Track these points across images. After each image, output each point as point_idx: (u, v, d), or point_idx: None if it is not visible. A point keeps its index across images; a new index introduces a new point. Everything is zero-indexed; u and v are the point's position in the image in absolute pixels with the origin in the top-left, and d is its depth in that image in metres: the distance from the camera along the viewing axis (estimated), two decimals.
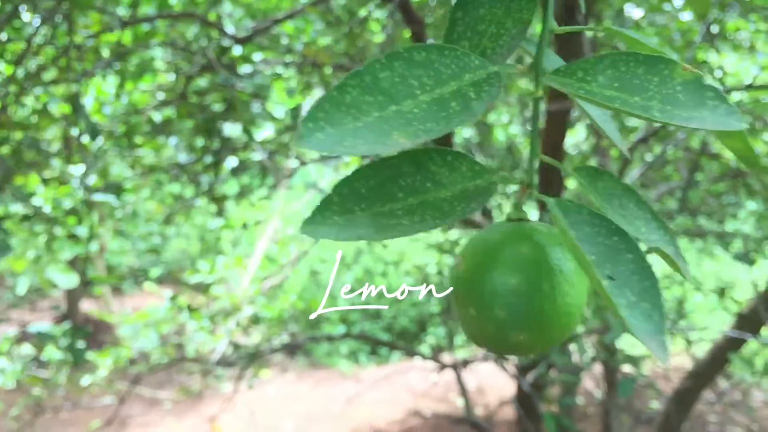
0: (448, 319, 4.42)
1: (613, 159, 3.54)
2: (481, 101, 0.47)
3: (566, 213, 0.48)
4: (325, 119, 0.43)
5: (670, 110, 0.45)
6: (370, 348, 4.65)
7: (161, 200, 3.91)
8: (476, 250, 0.55)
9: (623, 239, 0.47)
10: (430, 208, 0.49)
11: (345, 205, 0.47)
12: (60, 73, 2.61)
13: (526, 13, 0.55)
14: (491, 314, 0.52)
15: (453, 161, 0.51)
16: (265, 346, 3.89)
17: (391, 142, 0.43)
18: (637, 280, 0.45)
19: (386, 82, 0.45)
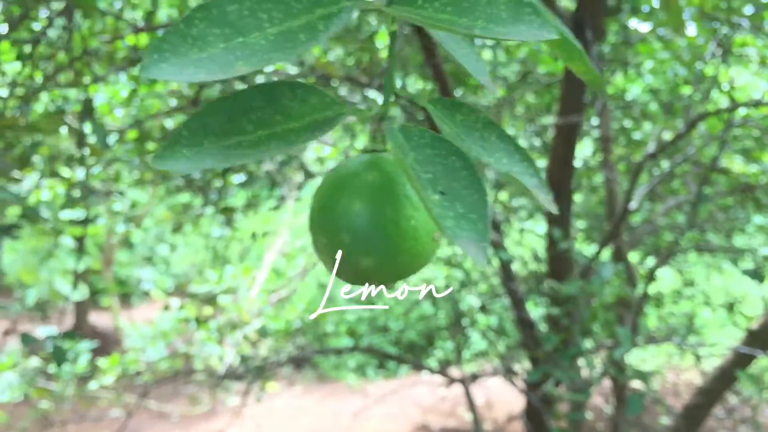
0: (456, 333, 4.41)
1: (622, 173, 3.55)
2: (328, 32, 0.49)
3: (408, 137, 0.51)
4: (170, 50, 0.44)
5: (492, 27, 0.47)
6: (378, 361, 4.64)
7: (171, 209, 3.92)
8: (328, 181, 0.57)
9: (460, 158, 0.50)
10: (276, 139, 0.50)
11: (194, 139, 0.49)
12: (74, 77, 2.64)
13: None
14: (338, 239, 0.54)
15: (304, 94, 0.52)
16: (273, 358, 3.88)
17: (233, 71, 0.44)
18: (468, 194, 0.48)
19: (234, 15, 0.47)
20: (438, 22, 0.49)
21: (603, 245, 3.00)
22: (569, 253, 2.97)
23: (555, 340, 2.69)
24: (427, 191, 0.48)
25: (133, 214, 3.92)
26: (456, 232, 0.46)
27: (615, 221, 3.01)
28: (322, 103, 0.53)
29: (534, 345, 3.11)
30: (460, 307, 4.08)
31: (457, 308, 4.08)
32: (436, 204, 0.47)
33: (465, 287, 3.93)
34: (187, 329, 4.10)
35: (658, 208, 3.83)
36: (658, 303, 3.89)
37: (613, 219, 3.18)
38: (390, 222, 0.53)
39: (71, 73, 2.63)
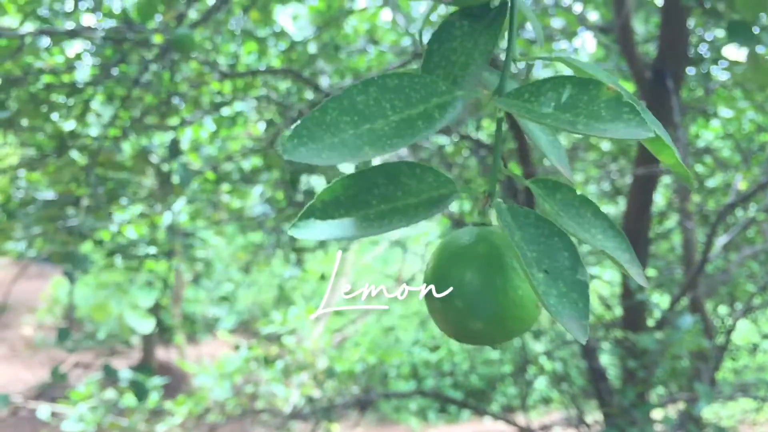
0: (520, 379, 4.34)
1: (699, 226, 3.48)
2: (444, 119, 0.54)
3: (515, 217, 0.55)
4: (308, 135, 0.50)
5: (592, 124, 0.51)
6: (440, 405, 4.60)
7: (244, 248, 4.00)
8: (441, 250, 0.62)
9: (562, 239, 0.54)
10: (398, 213, 0.55)
11: (326, 211, 0.54)
12: (161, 119, 2.74)
13: (490, 45, 0.62)
14: (452, 305, 0.58)
15: (421, 173, 0.57)
16: (337, 400, 3.89)
17: (362, 155, 0.50)
18: (570, 275, 0.52)
19: (362, 104, 0.52)
20: (543, 117, 0.53)
21: (680, 296, 2.93)
22: (644, 303, 2.92)
23: (632, 395, 2.63)
24: (532, 269, 0.52)
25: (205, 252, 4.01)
26: (559, 309, 0.50)
27: (693, 271, 2.95)
28: (437, 181, 0.57)
29: (606, 396, 3.05)
30: (526, 354, 4.03)
31: (523, 354, 4.03)
32: (541, 282, 0.51)
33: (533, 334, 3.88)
34: (253, 369, 4.14)
35: (733, 256, 3.73)
36: (733, 356, 3.77)
37: (690, 269, 3.11)
38: (499, 291, 0.58)
39: (158, 115, 2.74)
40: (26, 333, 6.71)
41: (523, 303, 0.59)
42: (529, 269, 0.51)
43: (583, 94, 0.53)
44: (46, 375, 3.18)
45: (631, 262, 0.57)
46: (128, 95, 2.44)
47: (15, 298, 6.38)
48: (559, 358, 4.03)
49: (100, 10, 2.04)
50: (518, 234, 0.54)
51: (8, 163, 2.93)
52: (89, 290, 5.94)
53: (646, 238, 2.97)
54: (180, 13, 2.24)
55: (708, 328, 3.37)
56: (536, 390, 4.75)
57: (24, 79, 2.18)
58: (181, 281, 5.19)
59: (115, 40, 2.14)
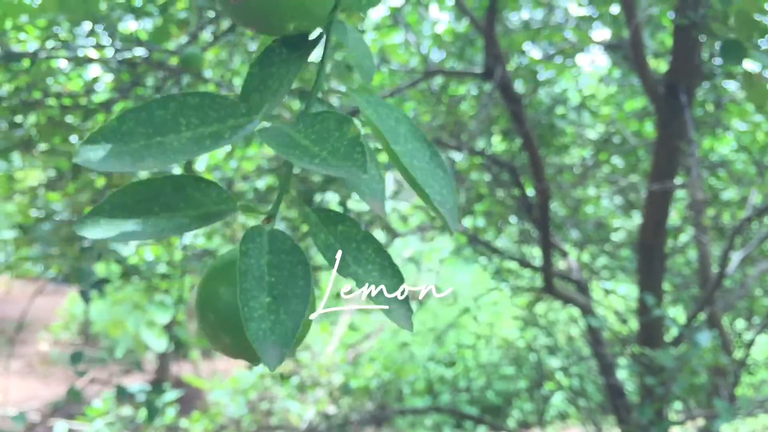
0: (537, 395, 4.32)
1: (714, 239, 3.46)
2: (231, 139, 0.56)
3: (273, 240, 0.57)
4: (101, 142, 0.52)
5: (329, 159, 0.53)
6: (456, 421, 4.57)
7: None
8: (210, 266, 0.64)
9: (304, 269, 0.55)
10: (173, 222, 0.58)
11: (112, 213, 0.57)
12: None
13: (294, 75, 0.64)
14: (206, 317, 0.61)
15: (206, 188, 0.59)
16: (353, 416, 3.88)
17: (142, 165, 0.52)
18: (295, 303, 0.53)
19: (159, 118, 0.55)
20: (294, 149, 0.55)
21: (697, 311, 2.91)
22: (661, 319, 2.90)
23: (650, 412, 2.61)
24: (260, 292, 0.53)
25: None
26: (266, 334, 0.51)
27: (710, 286, 2.93)
28: (219, 197, 0.59)
29: (623, 413, 3.02)
30: (542, 369, 4.01)
31: (539, 370, 4.01)
32: (263, 306, 0.53)
33: (549, 350, 3.87)
34: (267, 385, 4.15)
35: (750, 270, 3.70)
36: (751, 371, 3.73)
37: (707, 284, 3.09)
38: None
39: None
40: (43, 349, 6.75)
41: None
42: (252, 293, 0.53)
43: (337, 131, 0.55)
44: (63, 391, 3.20)
45: (400, 304, 0.59)
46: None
47: (31, 314, 6.43)
48: (576, 374, 4.01)
49: (115, 34, 2.07)
50: (267, 257, 0.55)
51: (27, 184, 2.97)
52: (105, 306, 5.98)
53: (661, 253, 2.95)
54: (193, 34, 2.28)
55: (726, 344, 3.34)
56: (553, 406, 4.72)
57: (42, 101, 2.22)
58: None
59: (130, 63, 2.17)
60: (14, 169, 2.94)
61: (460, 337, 5.06)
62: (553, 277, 3.09)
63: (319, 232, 0.60)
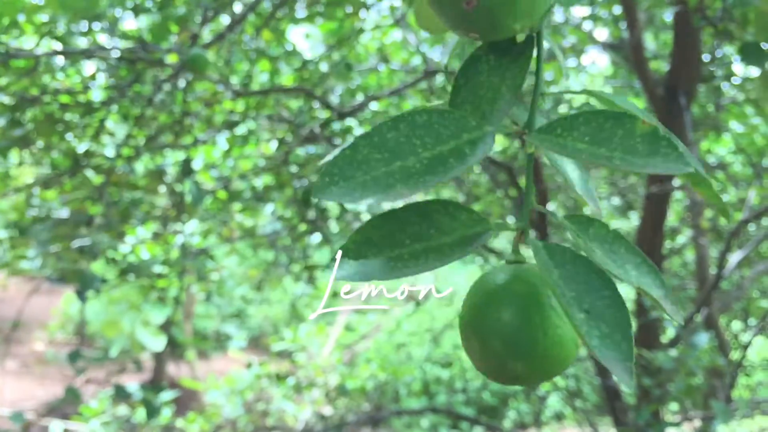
0: (532, 396, 4.32)
1: (712, 241, 3.46)
2: (475, 156, 0.54)
3: (552, 255, 0.54)
4: (339, 174, 0.50)
5: (629, 159, 0.50)
6: (452, 422, 4.57)
7: (256, 266, 4.01)
8: (476, 290, 0.60)
9: (601, 278, 0.52)
10: (432, 252, 0.54)
11: (359, 251, 0.54)
12: (174, 138, 2.76)
13: (518, 80, 0.60)
14: (490, 346, 0.57)
15: (454, 211, 0.56)
16: (349, 417, 3.87)
17: (394, 193, 0.49)
18: (611, 314, 0.50)
19: (393, 141, 0.52)
20: (577, 152, 0.53)
21: (695, 312, 2.91)
22: (658, 321, 2.90)
23: (647, 414, 2.61)
24: (572, 308, 0.50)
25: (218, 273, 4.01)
26: (603, 351, 0.49)
27: (707, 287, 2.93)
28: (471, 219, 0.56)
29: (620, 414, 3.02)
30: None
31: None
32: (583, 322, 0.50)
33: None
34: (264, 386, 4.14)
35: (747, 272, 3.70)
36: (747, 372, 3.74)
37: (704, 285, 3.09)
38: (538, 330, 0.56)
39: (172, 135, 2.76)
40: (38, 349, 6.73)
41: (563, 342, 0.57)
42: (569, 308, 0.50)
43: (618, 128, 0.52)
44: (58, 391, 3.19)
45: (665, 298, 0.56)
46: (142, 114, 2.46)
47: (27, 314, 6.40)
48: (572, 375, 4.01)
49: (115, 31, 2.06)
50: (556, 272, 0.53)
51: (23, 181, 2.95)
52: (101, 306, 5.96)
53: (660, 255, 2.95)
54: (194, 34, 2.26)
55: (722, 345, 3.34)
56: (549, 406, 4.72)
57: (39, 98, 2.21)
58: (192, 297, 5.20)
59: (129, 60, 2.16)
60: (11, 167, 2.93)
61: (457, 338, 5.05)
62: None
63: (578, 237, 0.57)
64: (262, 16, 2.59)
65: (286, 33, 2.77)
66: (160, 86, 2.41)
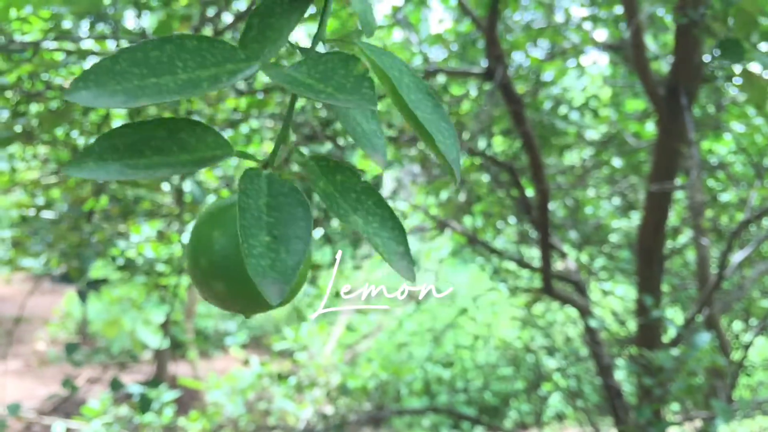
0: (534, 395, 4.32)
1: (713, 241, 3.46)
2: (229, 82, 0.55)
3: (270, 183, 0.56)
4: (94, 80, 0.51)
5: (335, 94, 0.53)
6: (453, 422, 4.57)
7: None
8: (203, 212, 0.63)
9: (304, 210, 0.55)
10: (165, 166, 0.57)
11: (102, 155, 0.56)
12: None
13: (294, 25, 0.63)
14: (198, 263, 0.59)
15: (201, 132, 0.58)
16: (351, 416, 3.88)
17: (137, 103, 0.51)
18: (296, 243, 0.53)
19: (154, 60, 0.54)
20: (298, 84, 0.55)
21: (696, 312, 2.91)
22: (659, 320, 2.90)
23: (648, 413, 2.61)
24: (259, 231, 0.53)
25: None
26: (266, 271, 0.51)
27: (708, 288, 2.93)
28: (215, 142, 0.58)
29: (621, 413, 3.02)
30: (540, 370, 4.01)
31: (537, 371, 4.01)
32: (263, 244, 0.52)
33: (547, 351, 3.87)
34: (265, 385, 4.14)
35: (748, 272, 3.70)
36: (748, 372, 3.74)
37: (705, 285, 3.09)
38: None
39: None
40: (40, 348, 6.74)
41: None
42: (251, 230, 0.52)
43: (342, 69, 0.55)
44: (60, 390, 3.19)
45: (401, 255, 0.57)
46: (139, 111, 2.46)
47: (28, 313, 6.42)
48: (574, 375, 4.01)
49: (118, 29, 2.07)
50: (264, 200, 0.55)
51: (28, 178, 2.96)
52: (102, 305, 5.97)
53: (661, 255, 2.96)
54: (195, 30, 2.27)
55: (724, 345, 3.34)
56: (550, 406, 4.72)
57: (43, 93, 2.22)
58: (194, 296, 5.21)
59: None
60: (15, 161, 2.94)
61: (458, 338, 5.06)
62: (552, 278, 3.09)
63: (318, 180, 0.59)
64: None
65: None
66: None
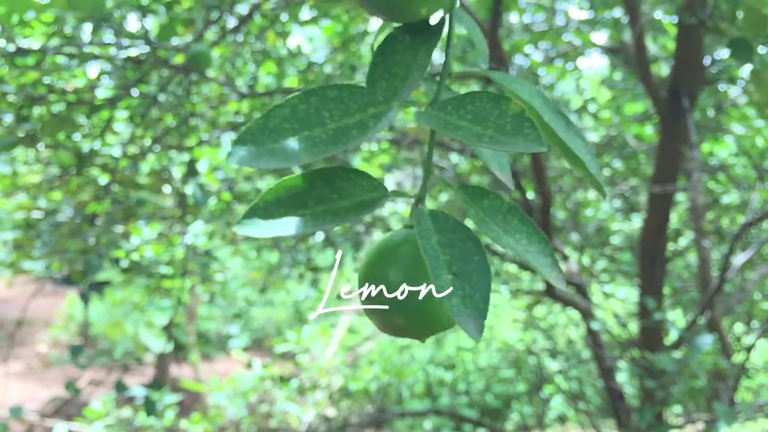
0: (536, 398, 4.32)
1: (714, 243, 3.46)
2: (377, 128, 0.57)
3: (435, 221, 0.58)
4: (251, 140, 0.54)
5: (497, 137, 0.54)
6: (455, 424, 4.57)
7: (259, 268, 4.02)
8: (373, 250, 0.65)
9: (475, 244, 0.57)
10: (331, 214, 0.58)
11: (268, 211, 0.58)
12: (180, 139, 2.77)
13: (427, 60, 0.64)
14: (377, 301, 0.61)
15: (355, 178, 0.60)
16: (352, 419, 3.88)
17: (297, 160, 0.53)
18: (477, 277, 0.55)
19: (303, 113, 0.56)
20: (457, 129, 0.56)
21: (697, 315, 2.91)
22: (661, 323, 2.90)
23: (649, 417, 2.61)
24: (442, 270, 0.54)
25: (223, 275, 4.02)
26: (460, 309, 0.53)
27: (710, 290, 2.93)
28: (371, 186, 0.61)
29: (623, 416, 3.02)
30: (542, 372, 4.01)
31: (539, 373, 4.01)
32: (449, 283, 0.54)
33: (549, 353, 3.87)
34: (267, 387, 4.14)
35: (750, 274, 3.70)
36: (750, 374, 3.73)
37: (707, 288, 3.09)
38: None
39: (178, 135, 2.77)
40: (42, 350, 6.74)
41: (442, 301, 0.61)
42: (437, 271, 0.54)
43: (495, 109, 0.56)
44: (62, 392, 3.19)
45: (551, 266, 0.60)
46: (145, 114, 2.47)
47: (30, 315, 6.42)
48: (575, 377, 4.01)
49: (121, 32, 2.08)
50: (435, 237, 0.57)
51: (30, 181, 2.97)
52: (105, 307, 5.98)
53: (663, 257, 2.96)
54: (199, 33, 2.28)
55: (725, 347, 3.34)
56: (552, 409, 4.72)
57: (46, 97, 2.22)
58: (196, 299, 5.22)
59: (135, 60, 2.18)
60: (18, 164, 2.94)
61: (460, 340, 5.06)
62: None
63: (470, 208, 0.61)
64: (268, 17, 2.61)
65: (287, 38, 2.78)
66: (165, 86, 2.43)
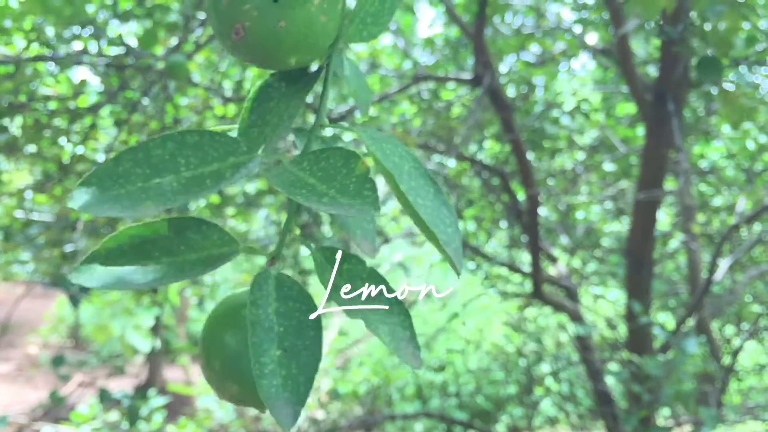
0: (526, 400, 4.32)
1: (704, 245, 3.46)
2: (233, 178, 0.53)
3: (279, 287, 0.54)
4: (97, 183, 0.50)
5: (337, 198, 0.50)
6: (445, 427, 4.56)
7: (249, 271, 4.00)
8: (215, 310, 0.61)
9: (315, 319, 0.53)
10: (174, 268, 0.55)
11: (109, 258, 0.54)
12: None
13: (297, 108, 0.62)
14: (212, 365, 0.58)
15: (207, 230, 0.57)
16: (342, 421, 3.87)
17: (142, 209, 0.49)
18: (306, 356, 0.51)
19: (157, 158, 0.52)
20: (301, 188, 0.52)
21: (685, 318, 2.91)
22: (649, 326, 2.90)
23: (635, 422, 2.61)
24: (271, 345, 0.51)
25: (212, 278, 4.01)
26: (278, 392, 0.49)
27: (698, 292, 2.93)
28: (221, 240, 0.57)
29: (611, 419, 3.02)
30: (532, 374, 4.01)
31: (529, 375, 4.01)
32: (274, 360, 0.50)
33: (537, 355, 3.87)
34: None
35: (739, 277, 3.71)
36: (739, 377, 3.74)
37: (696, 290, 3.10)
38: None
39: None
40: (31, 352, 6.71)
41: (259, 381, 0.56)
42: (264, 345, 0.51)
43: (344, 167, 0.53)
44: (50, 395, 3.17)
45: (408, 342, 0.56)
46: (127, 120, 2.45)
47: (19, 317, 6.39)
48: (565, 379, 4.01)
49: (104, 38, 2.06)
50: (274, 305, 0.53)
51: (14, 186, 2.95)
52: (94, 309, 5.95)
53: (650, 259, 2.95)
54: (180, 39, 2.26)
55: (714, 350, 3.34)
56: (542, 411, 4.72)
57: (27, 104, 2.20)
58: (186, 301, 5.20)
59: (118, 66, 2.16)
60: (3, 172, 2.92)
61: (450, 342, 5.06)
62: (543, 283, 3.09)
63: (325, 271, 0.57)
64: None
65: None
66: (147, 91, 2.41)
